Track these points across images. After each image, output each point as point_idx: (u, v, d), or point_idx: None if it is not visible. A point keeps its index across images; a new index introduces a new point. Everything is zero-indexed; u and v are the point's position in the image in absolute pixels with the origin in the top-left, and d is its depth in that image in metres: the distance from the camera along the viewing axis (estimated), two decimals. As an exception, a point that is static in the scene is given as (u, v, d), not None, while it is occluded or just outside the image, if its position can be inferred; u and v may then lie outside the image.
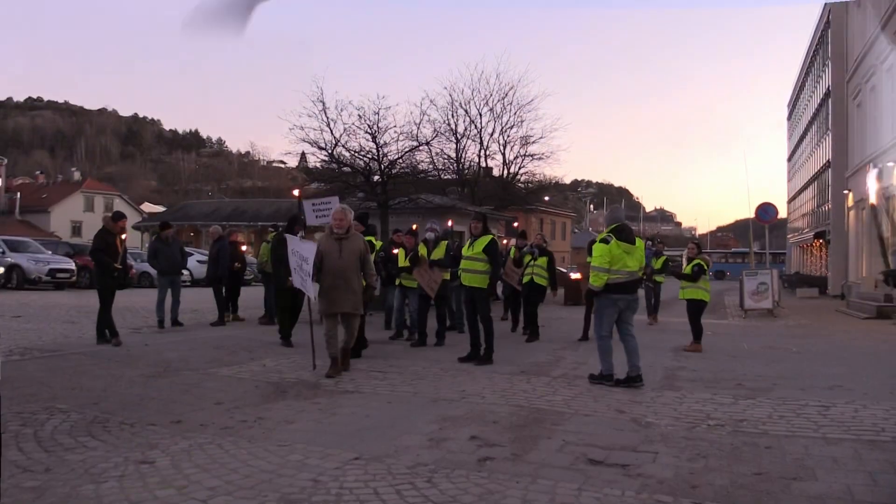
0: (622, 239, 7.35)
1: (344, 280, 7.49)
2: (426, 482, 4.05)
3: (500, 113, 28.40)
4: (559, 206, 65.44)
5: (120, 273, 9.68)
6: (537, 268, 11.65)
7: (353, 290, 7.54)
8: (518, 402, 6.36)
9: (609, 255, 7.26)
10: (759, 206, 20.43)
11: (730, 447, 4.96)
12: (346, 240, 7.61)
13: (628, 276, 7.34)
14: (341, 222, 7.64)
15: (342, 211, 7.80)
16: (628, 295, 7.43)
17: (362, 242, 7.78)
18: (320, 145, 20.40)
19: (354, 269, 7.58)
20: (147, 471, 4.14)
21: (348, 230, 7.68)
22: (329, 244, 7.60)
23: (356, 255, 7.59)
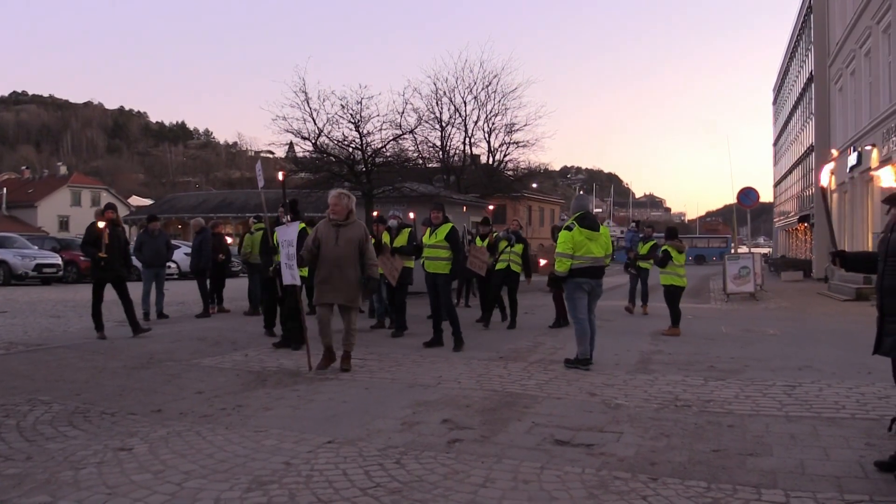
0: (584, 226, 7.64)
1: (339, 269, 7.10)
2: (395, 463, 4.19)
3: (485, 101, 28.43)
4: (548, 192, 65.60)
5: (108, 263, 9.67)
6: (513, 255, 11.66)
7: (348, 281, 7.13)
8: (493, 387, 6.52)
9: (572, 241, 7.57)
10: (740, 190, 20.64)
11: (693, 426, 5.13)
12: (345, 227, 7.22)
13: (592, 261, 7.63)
14: (336, 208, 7.22)
15: (338, 196, 7.32)
16: (592, 279, 7.69)
17: (362, 231, 7.30)
18: (304, 135, 20.43)
19: (351, 258, 7.15)
20: (125, 457, 4.27)
21: (348, 216, 7.26)
22: (326, 231, 7.23)
23: (354, 244, 7.17)
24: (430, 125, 27.17)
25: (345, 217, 7.24)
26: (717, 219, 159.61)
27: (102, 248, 9.54)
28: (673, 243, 11.21)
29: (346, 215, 7.25)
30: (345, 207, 7.25)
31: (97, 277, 9.84)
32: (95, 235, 9.65)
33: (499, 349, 8.94)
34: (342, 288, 7.12)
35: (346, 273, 7.11)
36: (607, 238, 7.92)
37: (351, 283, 7.15)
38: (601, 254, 7.74)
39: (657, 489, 3.80)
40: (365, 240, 7.25)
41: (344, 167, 20.72)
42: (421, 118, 25.10)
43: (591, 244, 7.64)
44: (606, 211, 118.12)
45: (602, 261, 7.79)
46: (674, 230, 11.87)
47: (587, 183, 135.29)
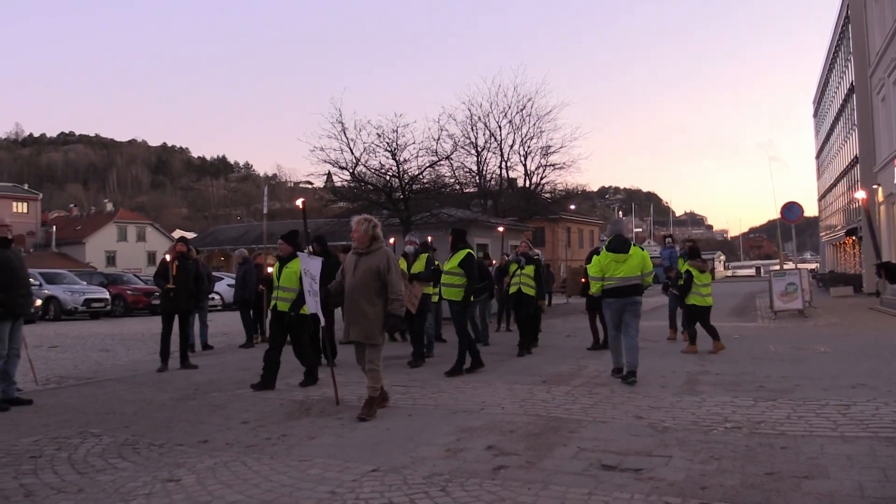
0: (611, 249, 8.23)
1: (353, 302, 6.47)
2: (440, 491, 4.16)
3: (520, 124, 28.56)
4: (586, 214, 65.25)
5: (176, 294, 9.87)
6: (524, 277, 11.11)
7: (364, 315, 6.40)
8: (537, 412, 6.45)
9: (599, 265, 8.31)
10: (783, 205, 20.23)
11: (744, 449, 5.00)
12: (366, 255, 6.57)
13: (619, 281, 8.18)
14: (356, 234, 6.62)
15: (358, 223, 6.68)
16: (621, 298, 8.19)
17: (383, 260, 6.51)
18: (341, 165, 20.69)
19: (367, 290, 6.43)
20: (173, 488, 4.32)
21: (371, 244, 6.61)
22: (349, 261, 6.73)
23: (372, 273, 6.44)
24: (465, 150, 27.40)
25: (367, 245, 6.61)
26: (760, 235, 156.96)
27: (170, 279, 9.79)
28: (694, 264, 11.05)
29: (369, 242, 6.63)
30: (365, 234, 6.63)
31: (164, 308, 10.09)
32: (165, 267, 9.93)
33: (542, 373, 8.86)
34: (357, 322, 6.45)
35: (360, 306, 6.43)
36: (639, 259, 8.25)
37: (366, 317, 6.41)
38: (630, 274, 8.16)
39: (709, 514, 3.71)
40: (386, 269, 6.48)
41: (382, 195, 20.90)
42: (456, 144, 25.35)
43: (619, 266, 8.16)
44: (646, 230, 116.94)
45: (631, 280, 8.16)
46: (695, 249, 11.53)
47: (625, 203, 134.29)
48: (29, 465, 4.93)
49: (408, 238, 10.86)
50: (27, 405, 7.08)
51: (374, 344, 6.47)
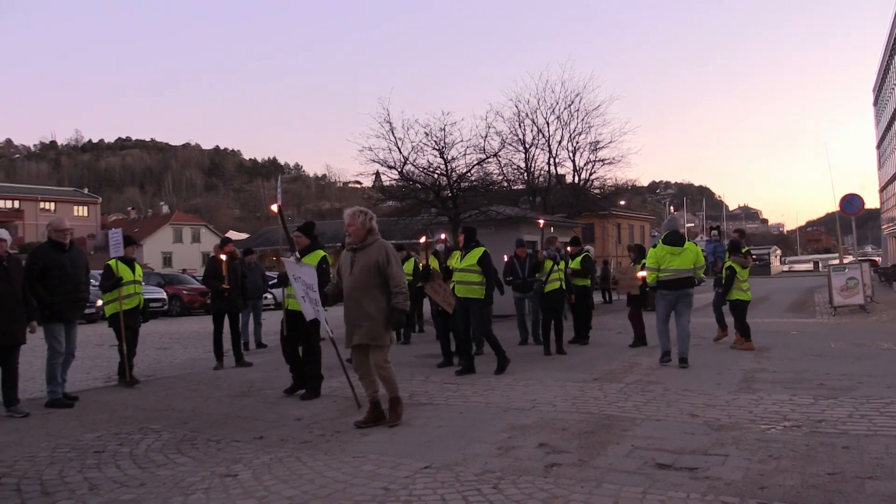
0: (667, 242, 9.07)
1: (354, 302, 5.98)
2: (492, 488, 4.16)
3: (568, 120, 28.29)
4: (637, 209, 64.34)
5: (230, 294, 10.07)
6: (562, 273, 10.79)
7: (366, 315, 5.90)
8: (588, 410, 6.39)
9: (655, 257, 9.11)
10: (843, 197, 19.59)
11: (805, 448, 4.87)
12: (361, 251, 6.05)
13: (675, 273, 8.96)
14: (350, 229, 6.09)
15: (352, 215, 6.14)
16: (675, 290, 9.01)
17: (382, 253, 6.00)
18: (390, 164, 20.82)
19: (367, 287, 5.94)
20: (230, 483, 4.42)
21: (365, 238, 6.08)
22: (344, 259, 6.19)
23: (370, 269, 5.95)
24: (513, 147, 27.25)
25: (362, 239, 6.08)
26: (818, 228, 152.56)
27: (225, 280, 10.00)
28: (736, 259, 10.82)
29: (364, 236, 6.09)
30: (361, 227, 6.08)
31: (217, 308, 10.31)
32: (215, 268, 10.14)
33: (593, 370, 8.77)
34: (361, 324, 5.93)
35: (362, 306, 5.93)
36: (693, 253, 9.00)
37: (370, 317, 5.91)
38: (684, 266, 8.94)
39: (769, 514, 3.62)
40: (386, 262, 5.98)
41: (430, 193, 20.97)
42: (504, 141, 25.22)
43: (675, 258, 8.95)
44: (699, 225, 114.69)
45: (685, 272, 8.97)
46: (736, 244, 11.17)
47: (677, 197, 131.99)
48: (93, 460, 5.10)
49: (437, 236, 10.56)
50: (69, 408, 7.25)
51: (381, 345, 5.96)
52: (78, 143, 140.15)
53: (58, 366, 7.41)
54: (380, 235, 6.18)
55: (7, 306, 6.71)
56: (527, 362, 9.69)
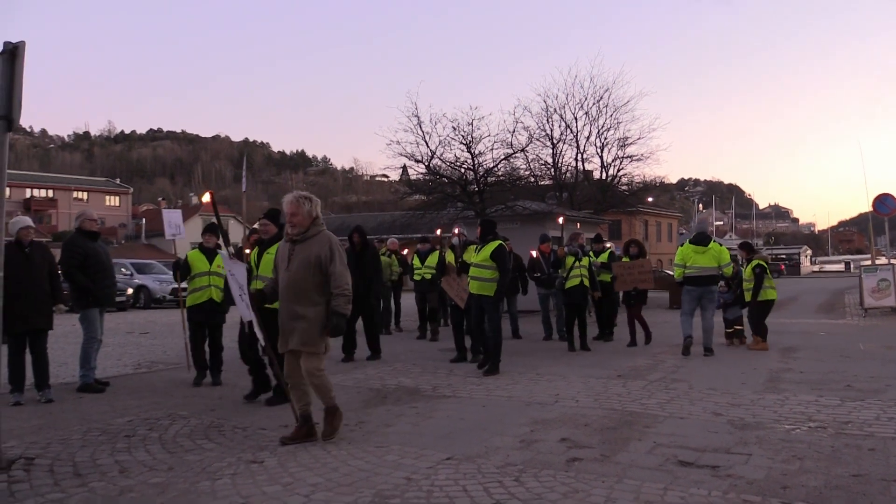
0: (693, 242, 9.99)
1: (288, 303, 5.24)
2: (514, 481, 4.20)
3: (596, 116, 28.03)
4: (665, 206, 63.76)
5: None
6: (583, 269, 10.58)
7: (299, 317, 5.14)
8: (612, 406, 6.40)
9: (681, 255, 10.01)
10: (876, 197, 19.25)
11: (829, 449, 4.84)
12: (302, 243, 5.25)
13: (699, 270, 9.80)
14: (295, 218, 5.24)
15: (295, 201, 5.27)
16: (699, 287, 9.85)
17: (325, 247, 5.19)
18: (417, 158, 20.90)
19: (304, 286, 5.16)
20: (256, 469, 4.51)
21: (309, 228, 5.27)
22: (282, 251, 5.42)
23: (309, 265, 5.16)
24: (541, 143, 27.06)
25: (306, 229, 5.27)
26: (850, 229, 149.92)
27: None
28: (762, 256, 11.07)
29: (308, 226, 5.28)
30: (306, 215, 5.26)
31: None
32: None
33: (617, 367, 8.76)
34: (293, 327, 5.19)
35: (296, 308, 5.17)
36: (717, 252, 9.83)
37: (305, 319, 5.12)
38: (708, 264, 9.77)
39: (791, 514, 3.62)
40: (329, 258, 5.17)
41: (457, 188, 21.03)
42: (532, 136, 25.08)
43: (699, 256, 9.80)
44: (728, 224, 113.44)
45: (708, 270, 9.80)
46: (748, 244, 11.77)
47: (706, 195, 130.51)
48: (123, 444, 5.23)
49: (454, 230, 10.24)
50: (100, 393, 7.42)
51: (314, 352, 5.19)
52: (111, 133, 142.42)
53: (93, 351, 7.58)
54: (325, 226, 5.39)
55: (27, 293, 6.80)
56: (551, 358, 9.70)
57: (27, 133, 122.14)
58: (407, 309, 15.06)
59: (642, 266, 11.26)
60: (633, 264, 11.24)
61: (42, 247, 7.35)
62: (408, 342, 12.05)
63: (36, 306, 6.93)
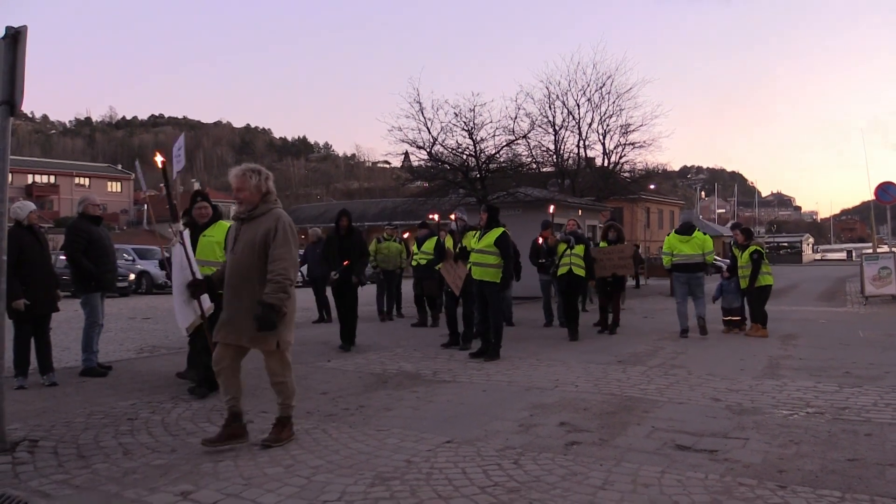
0: (678, 232, 10.78)
1: (231, 290, 4.68)
2: (512, 464, 4.24)
3: (599, 103, 27.96)
4: (667, 194, 63.69)
5: None
6: (575, 257, 10.43)
7: (245, 309, 4.55)
8: (611, 391, 6.44)
9: (668, 243, 10.79)
10: (878, 185, 19.22)
11: (826, 434, 4.88)
12: (250, 222, 4.69)
13: (685, 258, 10.56)
14: (241, 194, 4.70)
15: (241, 176, 4.70)
16: (686, 273, 10.56)
17: (272, 223, 4.60)
18: (419, 145, 20.86)
19: (248, 270, 4.59)
20: (258, 452, 4.55)
21: (258, 204, 4.70)
22: (231, 233, 4.94)
23: (255, 246, 4.58)
24: (543, 129, 27.01)
25: (255, 205, 4.70)
26: (853, 217, 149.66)
27: None
28: (758, 241, 11.08)
29: (257, 202, 4.71)
30: (254, 190, 4.68)
31: None
32: None
33: (617, 353, 8.80)
34: (239, 319, 4.61)
35: (240, 295, 4.62)
36: (700, 241, 10.54)
37: (251, 311, 4.52)
38: (693, 252, 10.50)
39: (786, 497, 3.66)
40: (274, 237, 4.56)
41: (458, 174, 21.00)
42: (534, 123, 25.03)
43: (684, 245, 10.57)
44: (730, 211, 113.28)
45: (694, 258, 10.51)
46: (748, 230, 11.36)
47: (708, 183, 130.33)
48: (126, 427, 5.27)
49: (455, 215, 10.09)
50: (102, 377, 7.47)
51: (271, 350, 4.67)
52: (112, 119, 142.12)
53: (95, 335, 7.63)
54: (279, 203, 4.84)
55: (43, 276, 6.93)
56: (551, 344, 9.74)
57: (29, 119, 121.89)
58: (407, 295, 15.09)
59: (622, 251, 11.15)
60: (613, 249, 11.11)
61: (44, 232, 7.41)
62: (409, 328, 12.10)
63: (49, 289, 7.02)
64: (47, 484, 3.99)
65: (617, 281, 11.25)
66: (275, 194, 4.82)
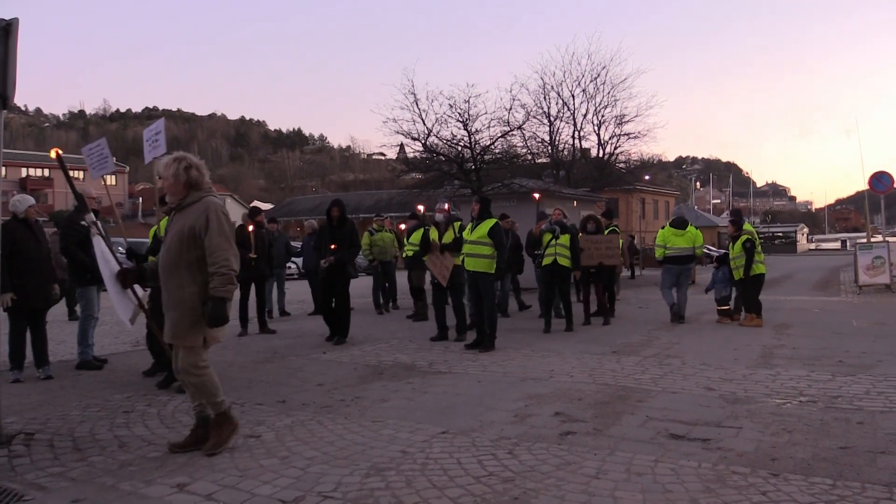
0: (672, 225, 11.25)
1: (163, 284, 4.46)
2: (507, 453, 4.27)
3: (594, 93, 27.90)
4: (662, 184, 63.71)
5: (257, 263, 10.22)
6: (560, 247, 10.19)
7: (170, 303, 4.39)
8: (605, 381, 6.47)
9: (662, 237, 11.26)
10: (872, 175, 19.27)
11: (819, 423, 4.91)
12: (180, 213, 4.44)
13: (678, 251, 11.07)
14: (165, 183, 4.48)
15: (166, 166, 4.46)
16: (677, 265, 11.11)
17: (201, 216, 4.32)
18: (413, 136, 20.83)
19: (177, 264, 4.35)
20: (254, 443, 4.57)
21: (185, 194, 4.43)
22: (165, 224, 4.81)
23: (183, 239, 4.33)
24: (538, 120, 26.96)
25: (181, 196, 4.44)
26: (847, 207, 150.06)
27: (252, 248, 10.16)
28: (750, 231, 11.00)
29: (183, 192, 4.43)
30: (176, 179, 4.39)
31: (243, 276, 10.42)
32: (243, 236, 10.29)
33: (612, 343, 8.83)
34: (167, 314, 4.43)
35: (168, 289, 4.41)
36: (693, 235, 11.17)
37: (176, 305, 4.35)
38: (686, 245, 11.07)
39: (778, 485, 3.68)
40: (204, 229, 4.30)
41: (453, 166, 20.98)
42: (529, 114, 24.97)
43: (678, 238, 11.06)
44: (725, 202, 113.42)
45: (686, 251, 11.07)
46: (734, 220, 11.31)
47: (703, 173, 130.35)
48: (122, 419, 5.29)
49: (438, 205, 9.95)
50: (98, 370, 7.47)
51: (188, 346, 4.39)
52: (106, 112, 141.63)
53: (90, 328, 7.63)
54: (211, 191, 4.53)
55: (42, 269, 6.91)
56: (546, 335, 9.76)
57: (22, 112, 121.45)
58: (403, 287, 15.09)
59: (610, 241, 11.10)
60: (601, 239, 11.08)
61: (41, 226, 7.39)
62: (405, 319, 12.11)
63: (47, 283, 7.01)
64: (43, 477, 4.00)
65: (601, 272, 11.18)
66: (205, 183, 4.48)
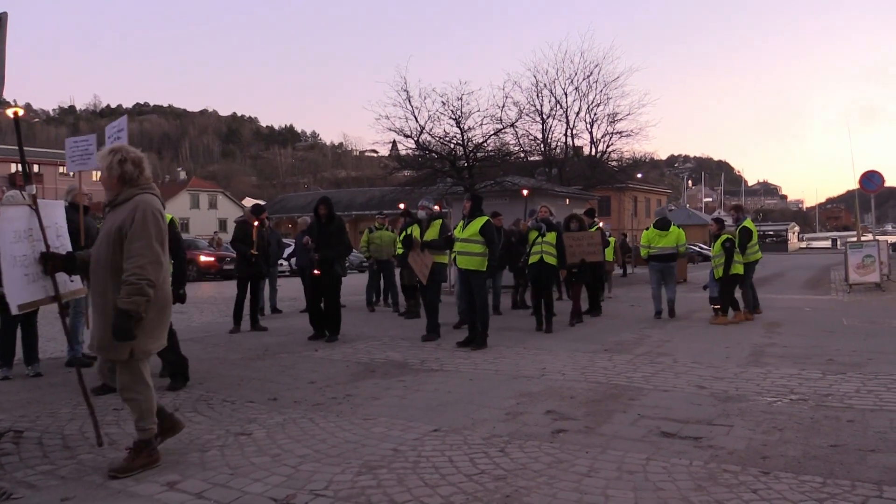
0: (656, 227, 11.73)
1: (92, 288, 4.10)
2: (499, 451, 4.27)
3: (586, 91, 27.95)
4: (654, 182, 63.89)
5: (257, 260, 10.24)
6: (546, 245, 9.96)
7: (95, 309, 4.03)
8: (597, 379, 6.48)
9: (647, 237, 11.89)
10: (863, 174, 19.39)
11: (809, 421, 4.93)
12: (113, 210, 4.05)
13: (660, 250, 11.61)
14: (102, 177, 4.10)
15: (101, 157, 4.08)
16: (661, 263, 11.62)
17: (132, 212, 3.91)
18: (406, 133, 20.82)
19: (104, 267, 3.95)
20: (245, 441, 4.55)
21: (120, 190, 4.04)
22: None
23: (110, 239, 3.93)
24: (530, 118, 26.99)
25: (116, 192, 4.06)
26: (838, 206, 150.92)
27: (254, 245, 10.13)
28: (730, 231, 11.46)
29: (116, 188, 4.05)
30: (109, 173, 4.02)
31: (242, 273, 10.43)
32: (246, 233, 10.26)
33: (603, 342, 8.85)
34: (95, 322, 4.04)
35: (93, 294, 4.08)
36: (675, 234, 11.64)
37: (99, 313, 3.99)
38: (668, 245, 11.58)
39: (769, 483, 3.69)
40: (130, 227, 3.87)
41: (446, 163, 20.98)
42: (521, 111, 25.02)
43: (662, 239, 11.60)
44: (717, 200, 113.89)
45: (668, 250, 11.57)
46: (716, 218, 12.35)
47: (695, 172, 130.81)
48: (112, 417, 5.26)
49: (421, 203, 9.89)
50: (88, 367, 7.42)
51: (114, 357, 3.95)
52: (96, 108, 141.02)
53: (81, 325, 7.58)
54: (149, 188, 4.11)
55: None
56: (538, 333, 9.76)
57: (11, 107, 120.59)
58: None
59: (592, 238, 11.08)
60: (583, 235, 11.03)
61: None
62: (397, 317, 12.11)
63: None
64: (32, 475, 3.97)
65: (584, 270, 11.01)
66: (142, 179, 4.07)
